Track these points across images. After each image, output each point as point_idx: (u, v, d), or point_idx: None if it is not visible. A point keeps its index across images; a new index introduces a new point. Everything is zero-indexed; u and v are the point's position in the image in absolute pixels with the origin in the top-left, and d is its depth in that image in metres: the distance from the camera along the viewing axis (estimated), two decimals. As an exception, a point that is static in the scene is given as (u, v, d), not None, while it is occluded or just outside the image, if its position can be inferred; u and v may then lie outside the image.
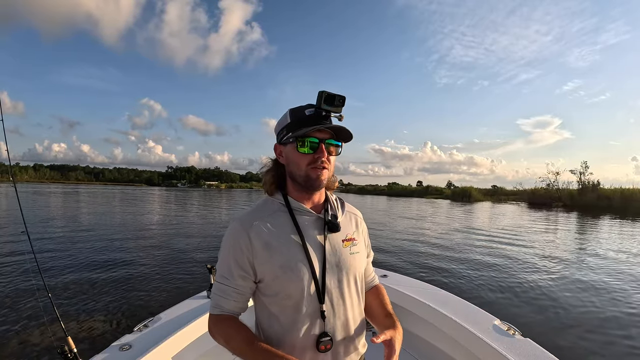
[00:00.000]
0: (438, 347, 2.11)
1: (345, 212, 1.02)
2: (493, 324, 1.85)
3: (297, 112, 0.90)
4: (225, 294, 0.89)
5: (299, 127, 0.87)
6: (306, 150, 0.87)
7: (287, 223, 0.90)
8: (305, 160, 0.88)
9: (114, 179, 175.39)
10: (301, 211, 0.93)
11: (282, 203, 0.93)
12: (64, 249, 8.15)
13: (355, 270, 0.95)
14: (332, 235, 0.93)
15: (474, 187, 61.75)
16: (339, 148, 0.93)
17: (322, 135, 0.88)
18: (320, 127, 0.86)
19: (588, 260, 8.58)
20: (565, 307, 5.10)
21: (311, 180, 0.89)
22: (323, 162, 0.88)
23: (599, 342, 3.95)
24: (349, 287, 0.94)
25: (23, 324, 3.88)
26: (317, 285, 0.88)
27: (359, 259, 0.98)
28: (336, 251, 0.93)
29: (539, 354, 1.57)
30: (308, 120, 0.87)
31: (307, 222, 0.92)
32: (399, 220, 18.96)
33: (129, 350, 1.56)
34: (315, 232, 0.92)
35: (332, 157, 0.92)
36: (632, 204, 31.85)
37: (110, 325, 3.95)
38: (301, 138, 0.87)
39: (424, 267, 7.43)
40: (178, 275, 6.14)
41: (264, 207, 0.94)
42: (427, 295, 2.27)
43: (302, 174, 0.89)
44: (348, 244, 0.96)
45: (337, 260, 0.92)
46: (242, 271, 0.87)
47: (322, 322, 0.88)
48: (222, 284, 0.89)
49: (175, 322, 1.86)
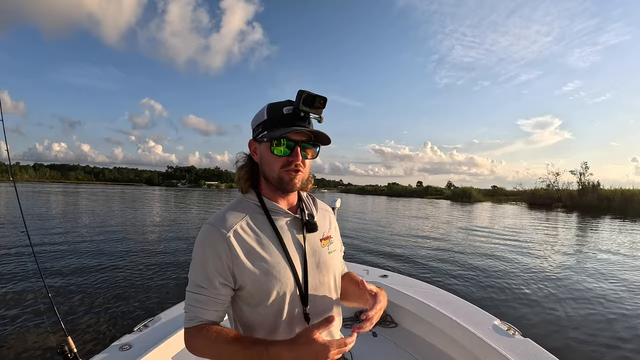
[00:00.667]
0: (438, 347, 2.11)
1: (319, 209, 1.00)
2: (493, 324, 1.85)
3: (274, 109, 0.86)
4: (202, 304, 0.83)
5: (275, 126, 0.83)
6: (281, 151, 0.84)
7: (265, 226, 0.87)
8: (279, 162, 0.85)
9: (114, 178, 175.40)
10: (278, 212, 0.90)
11: (257, 204, 0.90)
12: (64, 248, 8.15)
13: (334, 270, 0.95)
14: (310, 236, 0.91)
15: (474, 187, 61.88)
16: (316, 150, 0.89)
17: (299, 138, 0.84)
18: (297, 130, 0.82)
19: (588, 261, 8.58)
20: (566, 307, 5.09)
21: (284, 183, 0.86)
22: (297, 166, 0.85)
23: (599, 342, 3.95)
24: (329, 286, 0.93)
25: (23, 324, 3.88)
26: (300, 288, 0.85)
27: (337, 258, 0.98)
28: (315, 252, 0.91)
29: (539, 354, 1.57)
30: (285, 119, 0.83)
31: (285, 223, 0.90)
32: (399, 220, 18.96)
33: (129, 350, 1.56)
34: (294, 233, 0.89)
35: (308, 160, 0.89)
36: (632, 204, 31.82)
37: (110, 325, 3.95)
38: (276, 139, 0.83)
39: (424, 267, 7.43)
40: (178, 275, 6.14)
41: (239, 208, 0.89)
42: (427, 295, 2.27)
43: (274, 175, 0.86)
44: (326, 242, 0.95)
45: (317, 261, 0.91)
46: (221, 278, 0.82)
47: (306, 324, 0.85)
48: (199, 294, 0.83)
49: (175, 322, 1.86)
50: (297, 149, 0.84)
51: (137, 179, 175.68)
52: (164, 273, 6.27)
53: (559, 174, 47.56)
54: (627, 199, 34.05)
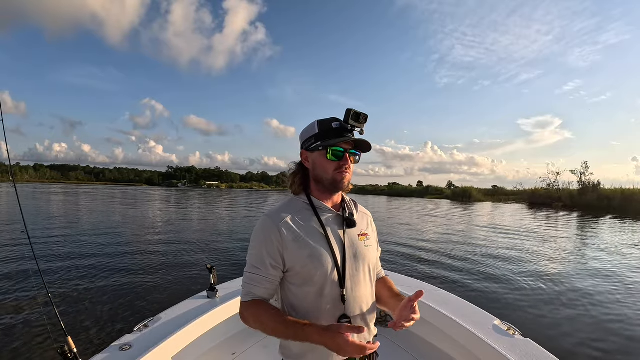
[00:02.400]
0: (438, 347, 2.11)
1: (359, 211, 1.16)
2: (493, 324, 1.86)
3: (324, 124, 1.04)
4: (256, 282, 0.99)
5: (328, 137, 1.01)
6: (334, 157, 1.02)
7: (311, 219, 1.03)
8: (332, 166, 1.03)
9: (115, 178, 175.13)
10: (323, 209, 1.06)
11: (305, 202, 1.06)
12: (64, 249, 8.16)
13: (369, 261, 1.08)
14: (349, 230, 1.06)
15: (474, 187, 61.90)
16: (358, 157, 1.08)
17: (346, 146, 1.03)
18: (348, 139, 1.01)
19: (588, 261, 8.58)
20: (566, 307, 5.10)
21: (336, 183, 1.04)
22: (347, 169, 1.03)
23: (599, 342, 3.95)
24: (365, 275, 1.06)
25: (23, 324, 3.89)
26: (339, 273, 1.00)
27: (372, 251, 1.11)
28: (353, 244, 1.06)
29: (539, 354, 1.57)
30: (335, 132, 1.02)
31: (329, 218, 1.05)
32: (399, 220, 18.96)
33: (129, 350, 1.57)
34: (335, 227, 1.05)
35: (353, 164, 1.06)
36: (632, 204, 31.88)
37: (110, 325, 3.96)
38: (330, 147, 1.01)
39: (424, 267, 7.44)
40: (178, 275, 6.15)
41: (291, 205, 1.06)
42: (427, 295, 2.27)
43: (329, 177, 1.03)
44: (363, 238, 1.09)
45: (354, 252, 1.05)
46: (273, 261, 0.98)
47: (342, 305, 0.99)
48: (254, 274, 0.99)
49: (175, 322, 1.87)
50: (346, 155, 1.03)
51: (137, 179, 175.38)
52: (164, 273, 6.27)
53: (559, 173, 47.70)
54: (627, 199, 34.10)
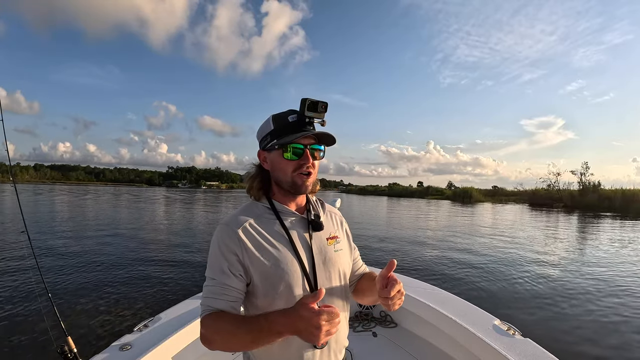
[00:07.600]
0: (438, 347, 2.11)
1: (326, 211, 1.05)
2: (493, 324, 1.85)
3: (280, 119, 0.92)
4: (216, 294, 0.86)
5: (283, 134, 0.90)
6: (292, 156, 0.90)
7: (273, 224, 0.93)
8: (291, 166, 0.91)
9: (115, 179, 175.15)
10: (286, 213, 0.95)
11: (266, 206, 0.96)
12: (64, 248, 8.16)
13: (341, 267, 0.98)
14: (316, 234, 0.96)
15: (475, 187, 61.87)
16: (322, 152, 0.96)
17: (307, 141, 0.91)
18: (306, 133, 0.88)
19: (588, 261, 8.57)
20: (566, 307, 5.09)
21: (297, 186, 0.92)
22: (308, 168, 0.91)
23: (599, 342, 3.95)
24: (337, 283, 0.97)
25: (23, 323, 3.89)
26: (310, 282, 0.89)
27: (343, 257, 1.01)
28: (322, 249, 0.96)
29: (539, 354, 1.56)
30: (292, 127, 0.90)
31: (292, 222, 0.95)
32: (399, 220, 18.95)
33: (129, 350, 1.56)
34: (300, 231, 0.95)
35: (316, 161, 0.95)
36: (632, 204, 31.89)
37: (110, 325, 3.96)
38: (288, 145, 0.89)
39: (424, 268, 7.43)
40: (178, 276, 6.15)
41: (250, 209, 0.95)
42: (427, 295, 2.27)
43: (288, 179, 0.92)
44: (332, 241, 0.99)
45: (324, 258, 0.95)
46: (234, 270, 0.87)
47: None
48: (213, 286, 0.87)
49: (175, 322, 1.87)
50: (306, 152, 0.90)
51: (137, 179, 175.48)
52: (164, 273, 6.27)
53: (559, 174, 47.76)
54: (628, 199, 34.16)
